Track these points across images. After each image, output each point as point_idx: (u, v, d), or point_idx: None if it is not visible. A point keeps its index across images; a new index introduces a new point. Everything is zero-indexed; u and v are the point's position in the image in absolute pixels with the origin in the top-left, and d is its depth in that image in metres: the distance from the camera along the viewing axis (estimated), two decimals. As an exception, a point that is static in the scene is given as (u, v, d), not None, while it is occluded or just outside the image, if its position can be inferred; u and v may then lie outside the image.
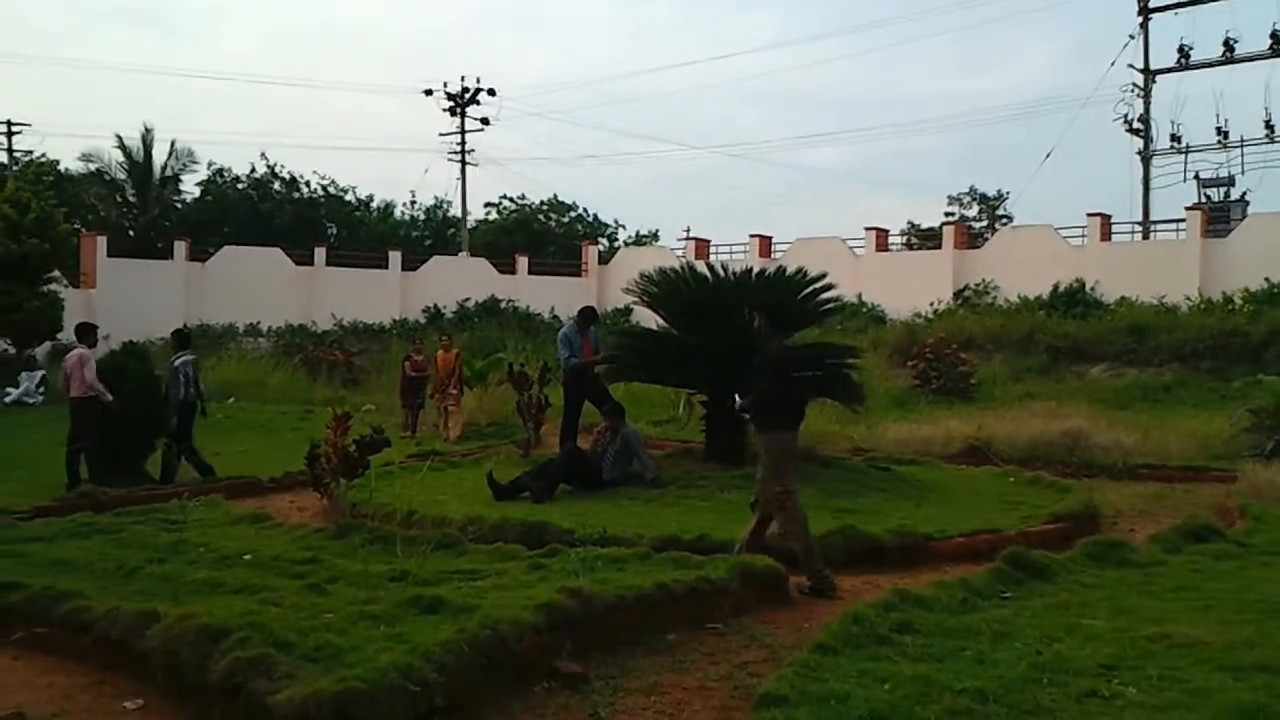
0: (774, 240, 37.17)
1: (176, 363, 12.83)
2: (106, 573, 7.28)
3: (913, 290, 30.95)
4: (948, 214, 48.00)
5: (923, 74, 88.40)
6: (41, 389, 21.59)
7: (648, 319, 15.10)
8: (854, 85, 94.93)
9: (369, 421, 9.59)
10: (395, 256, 38.26)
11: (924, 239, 40.95)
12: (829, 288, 11.74)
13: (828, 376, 11.89)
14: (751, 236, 37.11)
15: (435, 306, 36.40)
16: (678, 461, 11.72)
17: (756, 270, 11.68)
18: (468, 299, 36.69)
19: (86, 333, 12.65)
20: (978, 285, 31.99)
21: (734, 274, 11.54)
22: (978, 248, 34.55)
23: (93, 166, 41.89)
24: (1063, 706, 4.55)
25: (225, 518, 9.34)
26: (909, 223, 46.57)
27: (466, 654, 5.13)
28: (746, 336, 11.17)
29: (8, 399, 21.22)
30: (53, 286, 22.76)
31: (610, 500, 10.23)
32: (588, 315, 12.95)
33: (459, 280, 37.47)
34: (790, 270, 11.75)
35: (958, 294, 31.95)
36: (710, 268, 11.79)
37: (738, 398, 8.64)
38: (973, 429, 15.69)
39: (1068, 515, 9.71)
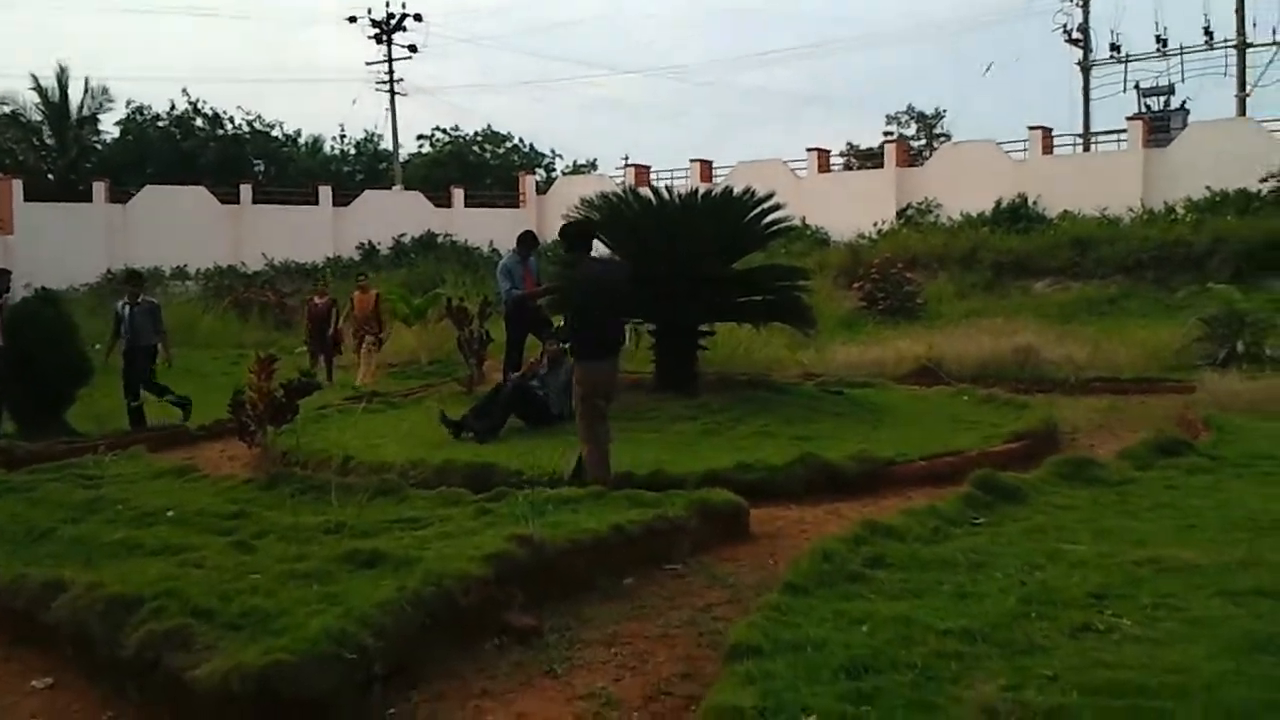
0: (715, 165, 36.59)
1: (157, 302, 12.87)
2: (15, 536, 6.71)
3: (856, 211, 30.62)
4: (886, 134, 47.63)
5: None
6: None
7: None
8: (793, 3, 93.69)
9: (300, 365, 9.03)
10: (326, 192, 37.12)
11: (864, 159, 40.61)
12: (777, 208, 11.29)
13: (778, 301, 11.49)
14: (692, 161, 36.51)
15: (370, 243, 35.41)
16: (627, 393, 11.20)
17: (702, 192, 11.17)
18: (403, 234, 35.75)
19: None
20: (920, 204, 31.73)
21: (679, 196, 11.04)
22: (919, 166, 34.24)
23: (7, 109, 40.16)
24: (1056, 643, 4.21)
25: (147, 471, 8.75)
26: (848, 144, 46.19)
27: (408, 614, 4.69)
28: (694, 262, 10.74)
29: None
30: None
31: (559, 436, 9.73)
32: (528, 240, 12.39)
33: (393, 215, 36.45)
34: (738, 190, 11.26)
35: (901, 213, 31.67)
36: (655, 190, 11.27)
37: (558, 326, 8.47)
38: (923, 349, 15.48)
39: (1028, 433, 9.48)
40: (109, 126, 43.28)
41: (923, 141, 47.99)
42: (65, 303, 13.02)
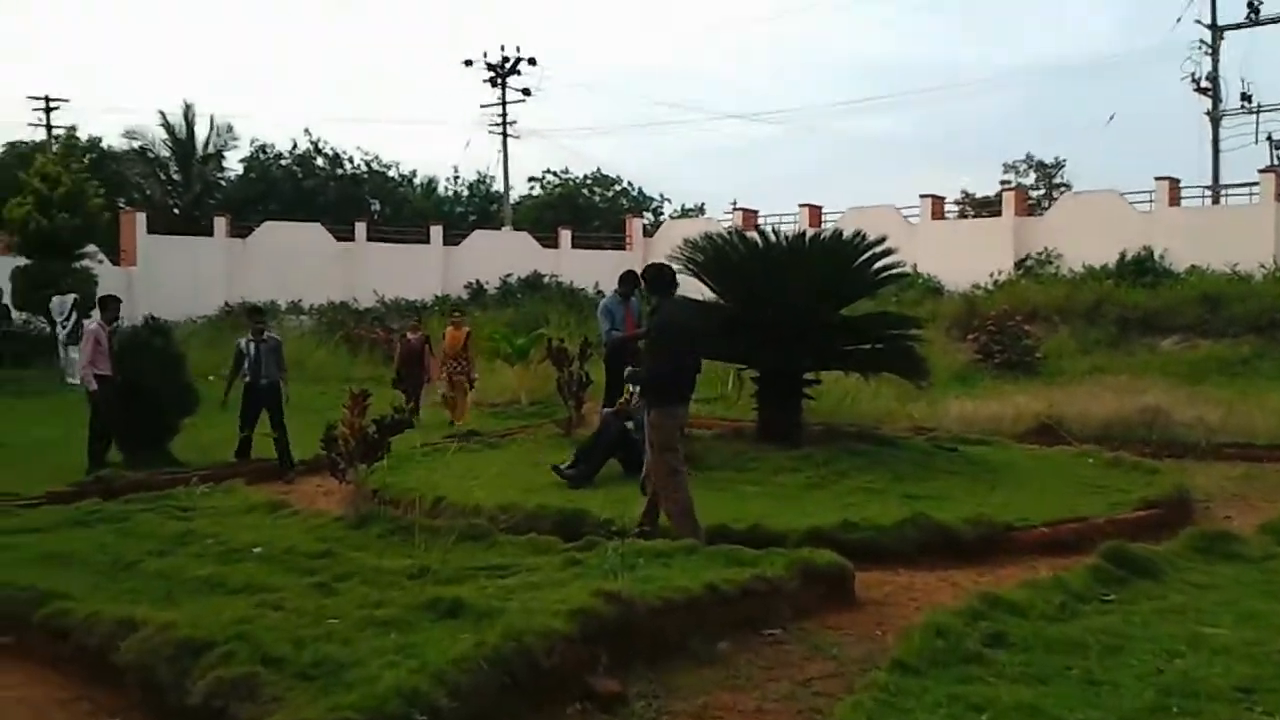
0: (824, 210, 36.08)
1: (279, 339, 12.68)
2: (101, 568, 6.64)
3: (971, 260, 29.70)
4: (1003, 182, 46.48)
5: (974, 37, 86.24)
6: (72, 315, 19.74)
7: (694, 290, 14.18)
8: (906, 49, 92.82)
9: (394, 400, 8.91)
10: (436, 231, 37.67)
11: (979, 208, 39.70)
12: (888, 253, 10.84)
13: (888, 350, 11.02)
14: (801, 206, 36.01)
15: (477, 282, 35.76)
16: (728, 442, 10.91)
17: (810, 234, 10.79)
18: (510, 274, 36.00)
19: (106, 306, 11.95)
20: (1040, 254, 30.68)
21: (786, 238, 10.68)
22: (1039, 215, 33.23)
23: (136, 144, 41.74)
24: (1204, 746, 3.72)
25: (241, 505, 8.67)
26: (963, 192, 45.20)
27: (486, 672, 4.42)
28: (801, 306, 10.37)
29: (62, 332, 19.60)
30: (85, 263, 22.20)
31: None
32: (629, 280, 12.12)
33: (501, 255, 36.79)
34: (847, 234, 10.85)
35: (1019, 264, 30.65)
36: (761, 232, 10.94)
37: (629, 368, 8.43)
38: (1043, 406, 14.73)
39: (1159, 501, 8.83)
40: (233, 164, 44.85)
41: (1041, 191, 46.78)
42: (173, 333, 13.14)
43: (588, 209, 46.98)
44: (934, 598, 6.57)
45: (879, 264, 10.86)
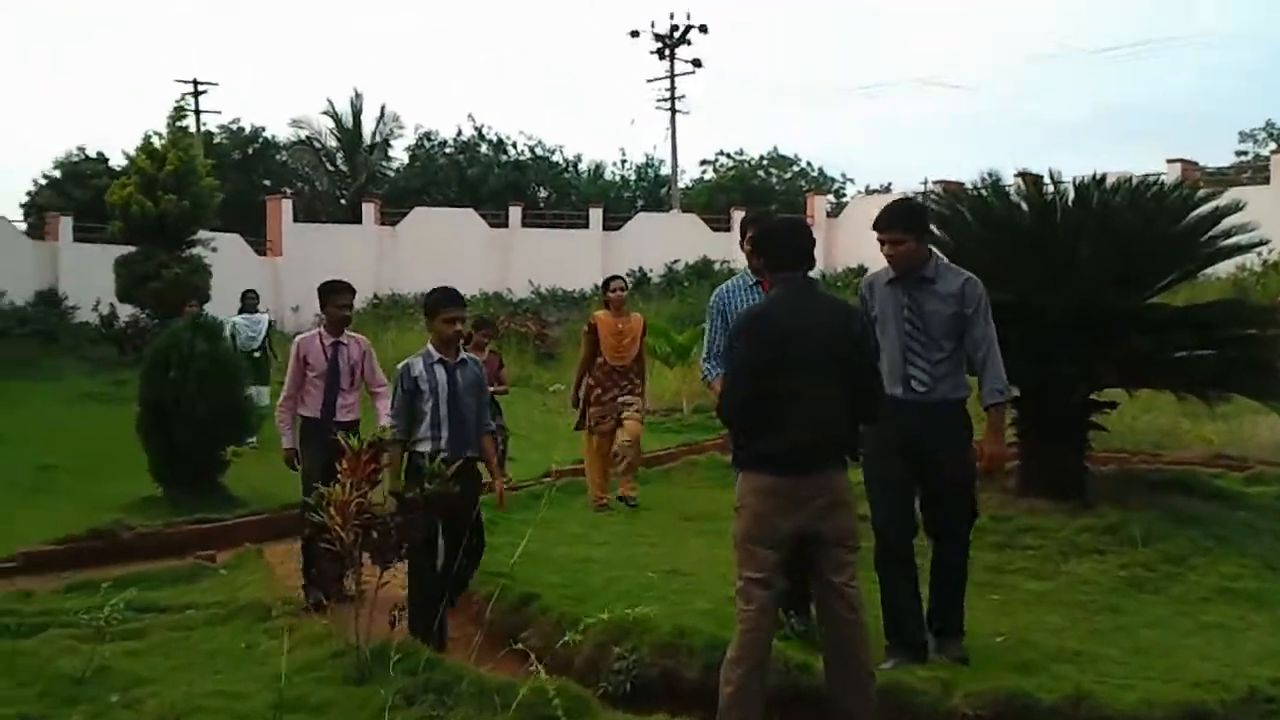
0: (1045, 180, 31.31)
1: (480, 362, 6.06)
2: None
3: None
4: (1239, 153, 40.58)
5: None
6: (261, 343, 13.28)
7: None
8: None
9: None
10: (596, 215, 34.60)
11: (1211, 182, 34.18)
12: (1234, 208, 7.01)
13: (1233, 359, 7.12)
14: (1017, 175, 31.31)
15: (641, 270, 32.52)
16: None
17: (1110, 181, 7.01)
18: (676, 260, 32.68)
19: (328, 293, 6.50)
20: (1323, 232, 25.37)
21: (1075, 187, 6.94)
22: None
23: (303, 134, 40.62)
24: None
25: (226, 603, 5.59)
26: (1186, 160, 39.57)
27: None
28: (1098, 293, 6.66)
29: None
30: (198, 250, 19.94)
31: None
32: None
33: (666, 240, 33.42)
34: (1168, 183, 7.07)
35: (1296, 242, 25.45)
36: (1033, 181, 7.24)
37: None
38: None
39: None
40: (399, 153, 43.24)
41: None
42: (222, 333, 10.31)
43: (764, 191, 43.17)
44: None
45: (1217, 229, 7.02)
